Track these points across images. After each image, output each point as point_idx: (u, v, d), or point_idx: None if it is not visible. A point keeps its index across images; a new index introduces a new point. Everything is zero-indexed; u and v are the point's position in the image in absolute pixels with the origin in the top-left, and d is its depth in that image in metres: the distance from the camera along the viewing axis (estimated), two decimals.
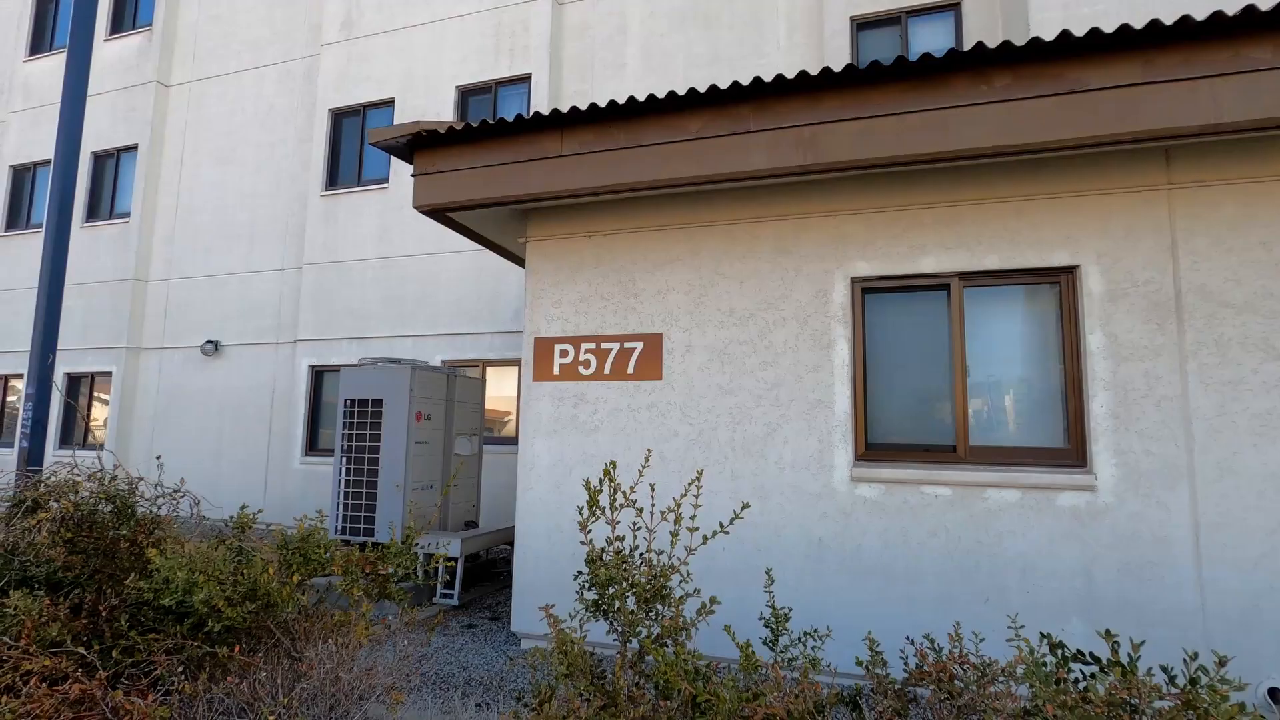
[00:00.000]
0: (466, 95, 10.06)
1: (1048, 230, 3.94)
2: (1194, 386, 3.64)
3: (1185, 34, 3.28)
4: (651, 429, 4.54)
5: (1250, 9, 3.15)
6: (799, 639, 2.51)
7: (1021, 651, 2.11)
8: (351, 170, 10.45)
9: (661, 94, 4.21)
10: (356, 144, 10.46)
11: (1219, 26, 3.23)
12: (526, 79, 9.66)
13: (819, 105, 3.84)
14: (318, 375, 10.22)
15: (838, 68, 3.80)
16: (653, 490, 2.95)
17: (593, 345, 4.73)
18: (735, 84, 3.91)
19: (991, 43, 7.30)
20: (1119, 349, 3.76)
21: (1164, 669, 2.03)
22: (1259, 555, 3.48)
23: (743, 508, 2.78)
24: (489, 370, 9.50)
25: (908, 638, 2.87)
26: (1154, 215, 3.78)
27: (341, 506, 6.18)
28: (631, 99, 4.08)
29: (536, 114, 4.29)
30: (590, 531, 2.51)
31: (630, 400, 4.61)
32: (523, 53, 9.66)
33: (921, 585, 3.92)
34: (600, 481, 2.35)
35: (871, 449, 4.19)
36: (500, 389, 9.52)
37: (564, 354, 4.79)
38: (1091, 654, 2.10)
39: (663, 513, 2.37)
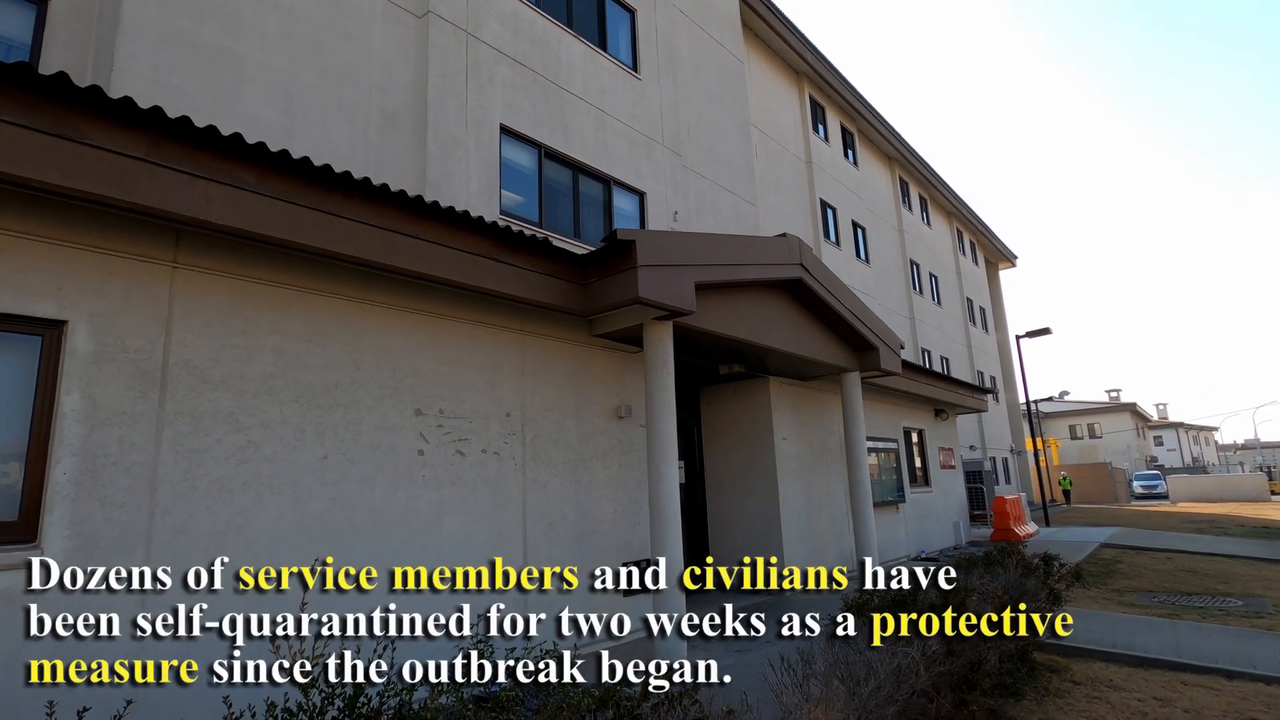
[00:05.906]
0: None
1: (36, 276, 3.54)
2: (166, 454, 3.86)
3: (189, 135, 3.63)
4: None
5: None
6: None
7: None
8: None
9: None
10: None
11: (218, 140, 3.72)
12: None
13: None
14: None
15: None
16: None
17: None
18: None
19: (79, 59, 6.58)
20: (97, 413, 3.65)
21: None
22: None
23: None
24: None
25: None
26: (156, 287, 3.95)
27: None
28: None
29: None
30: None
31: None
32: None
33: None
34: None
35: None
36: None
37: None
38: None
39: None
